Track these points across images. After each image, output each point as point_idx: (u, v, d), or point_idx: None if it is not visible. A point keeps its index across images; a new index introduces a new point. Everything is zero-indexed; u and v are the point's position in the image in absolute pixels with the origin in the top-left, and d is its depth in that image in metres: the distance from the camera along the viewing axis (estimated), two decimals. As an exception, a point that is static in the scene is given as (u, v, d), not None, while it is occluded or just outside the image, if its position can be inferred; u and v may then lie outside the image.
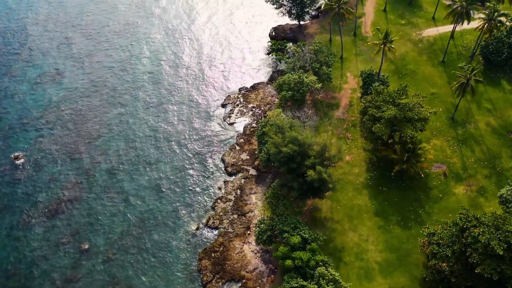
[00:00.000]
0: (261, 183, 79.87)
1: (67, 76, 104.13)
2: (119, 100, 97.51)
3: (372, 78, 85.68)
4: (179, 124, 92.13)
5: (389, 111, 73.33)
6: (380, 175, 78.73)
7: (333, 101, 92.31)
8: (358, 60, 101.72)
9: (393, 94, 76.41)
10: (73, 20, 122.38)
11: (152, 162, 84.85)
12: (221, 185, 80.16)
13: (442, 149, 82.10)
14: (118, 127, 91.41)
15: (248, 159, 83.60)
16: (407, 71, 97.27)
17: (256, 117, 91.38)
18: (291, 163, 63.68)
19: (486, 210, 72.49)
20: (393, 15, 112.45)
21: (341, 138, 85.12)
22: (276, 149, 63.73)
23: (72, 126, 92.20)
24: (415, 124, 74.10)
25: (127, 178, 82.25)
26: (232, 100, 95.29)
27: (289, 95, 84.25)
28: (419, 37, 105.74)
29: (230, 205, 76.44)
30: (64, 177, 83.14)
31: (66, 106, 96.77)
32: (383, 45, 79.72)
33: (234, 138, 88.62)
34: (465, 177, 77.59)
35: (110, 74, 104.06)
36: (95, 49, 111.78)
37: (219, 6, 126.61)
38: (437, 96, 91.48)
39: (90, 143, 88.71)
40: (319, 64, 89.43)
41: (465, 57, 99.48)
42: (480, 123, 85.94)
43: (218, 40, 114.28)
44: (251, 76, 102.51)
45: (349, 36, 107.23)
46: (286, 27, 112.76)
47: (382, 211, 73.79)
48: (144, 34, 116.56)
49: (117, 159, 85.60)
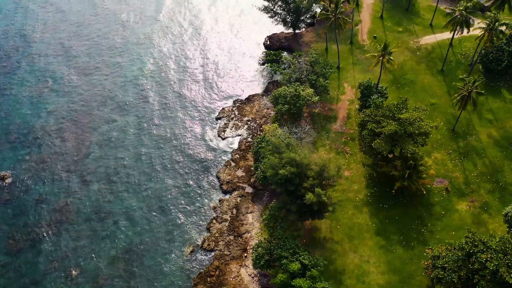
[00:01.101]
0: (257, 201, 77.09)
1: (56, 90, 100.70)
2: (109, 116, 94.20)
3: (370, 90, 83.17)
4: (172, 139, 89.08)
5: (389, 126, 70.86)
6: (380, 191, 76.23)
7: (330, 113, 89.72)
8: (355, 69, 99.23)
9: (393, 108, 73.97)
10: (63, 32, 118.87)
11: (144, 181, 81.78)
12: (216, 204, 77.31)
13: (444, 163, 79.76)
14: (108, 144, 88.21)
15: (244, 176, 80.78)
16: (405, 81, 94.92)
17: (252, 131, 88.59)
18: (289, 185, 61.01)
19: (490, 227, 70.40)
20: (390, 22, 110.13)
21: (340, 153, 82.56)
22: (273, 170, 60.99)
23: (60, 143, 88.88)
24: (416, 139, 71.73)
25: (118, 198, 79.13)
26: (227, 113, 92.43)
27: (285, 109, 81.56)
28: (417, 45, 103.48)
29: (226, 225, 73.61)
30: (53, 198, 79.88)
31: (55, 121, 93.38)
32: (382, 57, 77.17)
33: (229, 153, 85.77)
34: (468, 193, 75.29)
35: (100, 89, 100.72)
36: (84, 62, 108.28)
37: (211, 15, 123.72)
38: (437, 107, 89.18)
39: (79, 161, 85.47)
40: (316, 75, 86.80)
41: (464, 65, 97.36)
42: (481, 134, 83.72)
43: (211, 50, 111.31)
44: (246, 88, 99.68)
45: (346, 44, 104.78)
46: (281, 36, 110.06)
47: (383, 230, 71.29)
48: (135, 46, 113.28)
49: (107, 178, 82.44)
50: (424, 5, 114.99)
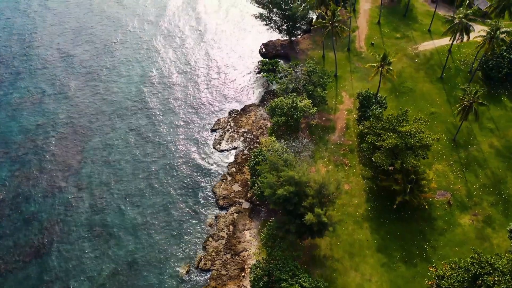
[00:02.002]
0: (255, 217, 74.85)
1: (46, 102, 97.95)
2: (102, 128, 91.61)
3: (369, 101, 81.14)
4: (166, 153, 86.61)
5: (390, 139, 68.88)
6: (381, 205, 74.22)
7: (328, 124, 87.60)
8: (353, 77, 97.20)
9: (393, 120, 71.99)
10: (54, 42, 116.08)
11: (137, 196, 79.30)
12: (212, 220, 75.00)
13: (445, 175, 77.86)
14: (101, 158, 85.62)
15: (241, 191, 78.50)
16: (404, 89, 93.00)
17: (248, 143, 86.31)
18: (287, 205, 58.81)
19: (494, 242, 68.58)
20: (387, 28, 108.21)
21: (339, 165, 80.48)
22: (271, 190, 58.77)
23: (51, 158, 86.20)
24: (417, 152, 69.79)
25: (110, 216, 76.60)
26: (222, 125, 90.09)
27: (283, 121, 79.41)
28: (415, 52, 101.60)
29: (222, 243, 71.30)
30: (44, 215, 77.25)
31: (46, 134, 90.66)
32: (381, 67, 75.14)
33: (225, 167, 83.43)
34: (470, 206, 73.42)
35: (92, 99, 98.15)
36: (76, 72, 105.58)
37: (205, 24, 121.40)
38: (436, 116, 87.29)
39: (71, 176, 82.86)
40: (313, 86, 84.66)
41: (463, 72, 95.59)
42: (483, 144, 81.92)
43: (206, 60, 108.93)
44: (242, 98, 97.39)
45: (343, 51, 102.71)
46: (277, 43, 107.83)
47: (385, 246, 69.25)
48: (129, 57, 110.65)
49: (100, 194, 79.90)
50: (421, 10, 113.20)
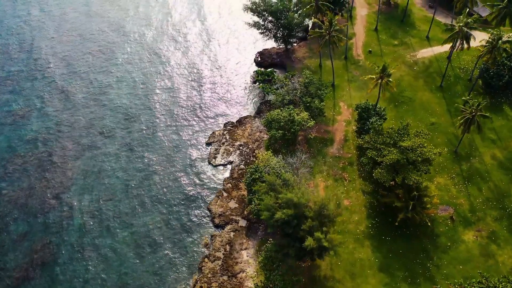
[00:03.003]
0: (252, 236, 72.25)
1: (35, 115, 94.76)
2: (92, 143, 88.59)
3: (368, 113, 78.82)
4: (159, 168, 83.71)
5: (391, 155, 66.65)
6: (382, 222, 71.92)
7: (326, 136, 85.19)
8: (351, 87, 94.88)
9: (393, 134, 69.73)
10: (43, 54, 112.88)
11: (129, 215, 76.40)
12: (208, 240, 72.30)
13: (447, 188, 75.71)
14: (91, 175, 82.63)
15: (237, 208, 75.89)
16: (403, 98, 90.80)
17: (244, 156, 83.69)
18: (286, 228, 56.30)
19: (499, 259, 66.50)
20: (385, 35, 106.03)
21: (338, 179, 78.09)
22: (269, 213, 56.24)
23: (41, 175, 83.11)
24: (419, 167, 67.57)
25: (102, 235, 73.70)
26: (218, 138, 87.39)
27: (280, 135, 76.92)
28: (414, 59, 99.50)
29: (219, 264, 68.65)
30: (32, 237, 74.19)
31: (35, 150, 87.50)
32: (380, 79, 72.82)
33: (220, 182, 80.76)
34: (474, 221, 71.29)
35: (82, 113, 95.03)
36: (65, 85, 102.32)
37: (199, 32, 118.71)
38: (437, 126, 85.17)
39: (61, 194, 79.83)
40: (310, 97, 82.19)
41: (463, 80, 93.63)
42: (485, 156, 79.87)
43: (199, 69, 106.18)
44: (237, 109, 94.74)
45: (340, 60, 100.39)
46: (273, 51, 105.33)
47: (387, 265, 66.93)
48: (120, 66, 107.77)
49: (91, 213, 76.97)
50: (419, 15, 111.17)
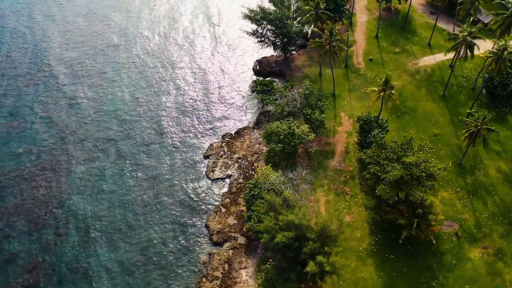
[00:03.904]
0: (251, 254, 70.04)
1: (28, 127, 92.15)
2: (87, 155, 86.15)
3: (370, 125, 76.70)
4: (155, 183, 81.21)
5: (394, 171, 64.53)
6: (385, 238, 69.81)
7: (327, 148, 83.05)
8: (352, 96, 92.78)
9: (397, 149, 67.61)
10: (38, 62, 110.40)
11: (124, 232, 74.06)
12: (205, 258, 70.04)
13: (452, 203, 73.68)
14: (85, 190, 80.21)
15: (236, 224, 73.66)
16: (405, 108, 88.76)
17: (243, 170, 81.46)
18: (287, 251, 54.14)
19: (506, 278, 64.52)
20: (385, 42, 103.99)
21: (339, 194, 75.97)
22: (269, 235, 54.06)
23: (33, 190, 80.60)
24: (423, 182, 65.47)
25: (96, 254, 71.33)
26: (216, 150, 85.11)
27: (279, 148, 74.76)
28: (416, 67, 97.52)
29: (217, 284, 66.39)
30: (24, 255, 71.75)
31: (27, 164, 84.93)
32: (383, 92, 70.71)
33: (219, 197, 78.51)
34: (480, 237, 69.28)
35: (77, 124, 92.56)
36: (59, 96, 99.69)
37: (195, 40, 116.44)
38: (440, 137, 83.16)
39: (54, 211, 77.45)
40: (311, 109, 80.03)
41: (466, 89, 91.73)
42: (490, 169, 77.89)
43: (196, 78, 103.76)
44: (235, 120, 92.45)
45: (340, 68, 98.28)
46: (271, 59, 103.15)
47: (391, 285, 64.80)
48: (115, 77, 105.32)
49: (85, 230, 74.60)
50: (420, 22, 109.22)
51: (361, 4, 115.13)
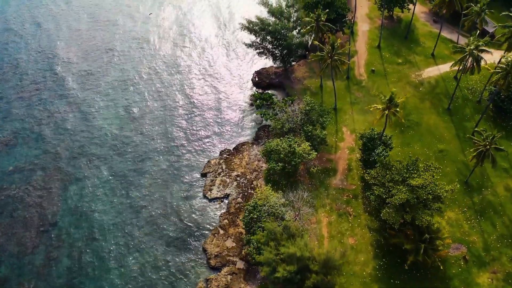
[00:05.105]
0: (251, 280, 67.14)
1: (20, 143, 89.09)
2: (80, 173, 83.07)
3: (374, 142, 73.82)
4: (150, 203, 78.12)
5: (400, 194, 61.69)
6: (390, 263, 66.99)
7: (329, 165, 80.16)
8: (354, 110, 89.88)
9: (402, 171, 64.75)
10: (29, 74, 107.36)
11: (119, 256, 71.06)
12: (203, 285, 67.07)
13: (459, 224, 70.89)
14: (79, 210, 77.25)
15: (234, 247, 70.76)
16: (409, 122, 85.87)
17: (242, 188, 78.55)
18: (288, 285, 51.27)
19: (517, 305, 61.79)
20: (388, 52, 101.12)
21: (342, 214, 73.12)
22: (269, 268, 51.20)
23: (24, 211, 77.53)
24: (430, 205, 62.67)
25: (89, 279, 68.35)
26: (213, 168, 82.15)
27: (280, 167, 71.85)
28: (419, 79, 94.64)
29: (215, 312, 63.58)
30: (14, 280, 68.77)
31: (18, 183, 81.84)
32: (387, 109, 67.84)
33: (217, 218, 75.58)
34: (488, 261, 66.50)
35: (70, 140, 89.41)
36: (51, 109, 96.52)
37: (192, 51, 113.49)
38: (446, 154, 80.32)
39: (45, 233, 74.42)
40: (312, 126, 77.12)
41: (472, 102, 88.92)
42: (498, 187, 75.10)
43: (193, 91, 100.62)
44: (234, 135, 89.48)
45: (342, 80, 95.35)
46: (271, 71, 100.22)
47: (397, 313, 62.15)
48: (111, 89, 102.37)
49: (78, 253, 71.67)
50: (423, 31, 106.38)
51: (362, 12, 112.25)
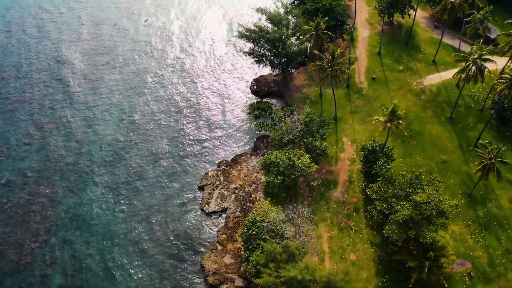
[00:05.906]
0: (250, 298, 65.36)
1: (13, 154, 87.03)
2: (74, 186, 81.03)
3: (375, 154, 72.04)
4: (145, 217, 75.88)
5: (404, 210, 59.90)
6: (393, 279, 65.17)
7: (329, 177, 78.32)
8: (354, 119, 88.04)
9: (405, 185, 62.95)
10: (23, 81, 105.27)
11: (113, 273, 68.98)
12: (201, 303, 65.37)
13: (463, 238, 69.14)
14: (72, 225, 75.21)
15: (233, 263, 68.87)
16: (411, 132, 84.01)
17: (240, 202, 76.66)
18: (289, 310, 49.55)
19: (524, 324, 60.09)
20: (389, 59, 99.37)
21: (343, 229, 71.29)
22: (269, 292, 49.47)
23: (16, 226, 75.45)
24: (434, 221, 60.90)
25: (84, 298, 66.61)
26: (211, 180, 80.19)
27: (279, 181, 70.01)
28: (421, 87, 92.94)
29: (213, 333, 61.69)
30: (5, 300, 66.97)
31: (11, 196, 79.79)
32: (389, 122, 66.02)
33: (215, 232, 73.67)
34: (494, 277, 64.74)
35: (64, 151, 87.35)
36: (43, 118, 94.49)
37: (188, 58, 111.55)
38: (448, 165, 78.59)
39: (38, 249, 72.33)
40: (312, 137, 75.28)
41: (474, 110, 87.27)
42: (502, 199, 73.40)
43: (191, 100, 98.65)
44: (232, 146, 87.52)
45: (342, 88, 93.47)
46: (269, 79, 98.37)
47: (401, 333, 60.37)
48: (102, 101, 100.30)
49: (72, 270, 69.64)
50: (424, 37, 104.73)
51: (362, 17, 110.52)
